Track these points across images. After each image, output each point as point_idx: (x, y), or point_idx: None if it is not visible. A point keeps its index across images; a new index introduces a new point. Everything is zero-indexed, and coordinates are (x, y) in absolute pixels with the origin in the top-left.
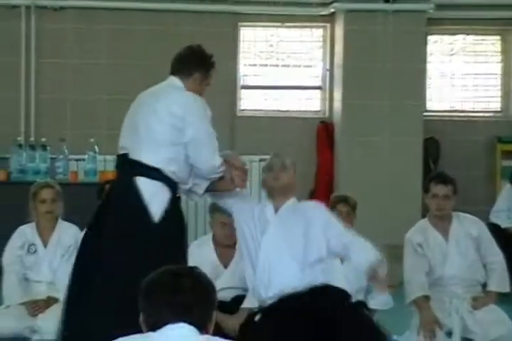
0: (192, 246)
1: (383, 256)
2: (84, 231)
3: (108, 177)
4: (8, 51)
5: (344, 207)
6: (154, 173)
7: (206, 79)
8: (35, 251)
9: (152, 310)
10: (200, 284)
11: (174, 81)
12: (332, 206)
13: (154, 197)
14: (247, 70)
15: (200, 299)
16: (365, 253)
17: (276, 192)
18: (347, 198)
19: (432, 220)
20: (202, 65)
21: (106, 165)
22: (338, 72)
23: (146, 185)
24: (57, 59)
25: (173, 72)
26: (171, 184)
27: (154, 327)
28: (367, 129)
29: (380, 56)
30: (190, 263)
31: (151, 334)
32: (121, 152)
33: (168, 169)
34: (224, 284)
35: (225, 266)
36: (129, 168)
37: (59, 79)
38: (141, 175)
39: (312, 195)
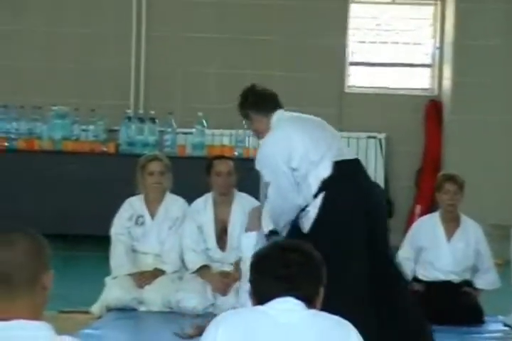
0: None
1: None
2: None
3: (216, 152)
4: (119, 21)
5: (452, 186)
6: None
7: None
8: (143, 223)
9: (260, 284)
10: (309, 259)
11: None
12: (439, 185)
13: None
14: (356, 47)
15: (308, 274)
16: None
17: None
18: (454, 176)
19: None
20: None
21: (214, 140)
22: (448, 50)
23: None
24: (168, 30)
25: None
26: None
27: (262, 300)
28: (477, 108)
29: (491, 33)
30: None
31: (258, 307)
32: (348, 157)
33: None
34: None
35: None
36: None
37: (169, 51)
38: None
39: (419, 174)
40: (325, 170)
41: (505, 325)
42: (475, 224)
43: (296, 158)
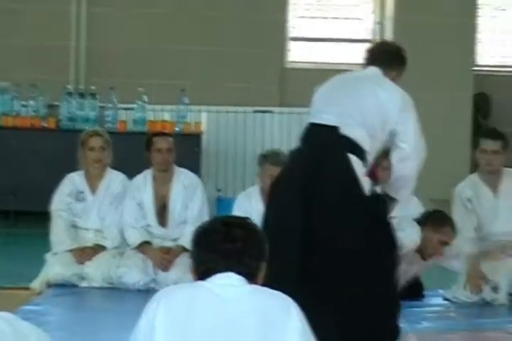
0: (240, 196)
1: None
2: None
3: (157, 128)
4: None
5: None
6: (362, 154)
7: (399, 78)
8: (83, 199)
9: (203, 259)
10: (251, 234)
11: (379, 72)
12: None
13: (362, 177)
14: (297, 22)
15: (250, 249)
16: None
17: None
18: None
19: (481, 175)
20: (403, 64)
21: (155, 115)
22: (388, 25)
23: (356, 165)
24: (109, 7)
25: (373, 63)
26: (367, 168)
27: (204, 275)
28: (419, 83)
29: (432, 9)
30: (238, 213)
31: (200, 282)
32: (323, 122)
33: (370, 154)
34: None
35: None
36: (342, 143)
37: (110, 28)
38: (353, 153)
39: None
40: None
41: (445, 298)
42: (416, 199)
43: None
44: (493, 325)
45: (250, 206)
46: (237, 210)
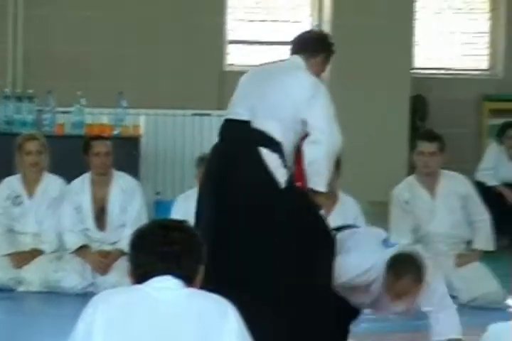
0: (178, 199)
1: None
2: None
3: (95, 131)
4: None
5: None
6: (275, 146)
7: (326, 64)
8: (20, 203)
9: (140, 262)
10: (189, 237)
11: (298, 60)
12: None
13: (277, 169)
14: (235, 25)
15: (188, 252)
16: None
17: None
18: None
19: (419, 177)
20: (326, 49)
21: (93, 118)
22: (326, 28)
23: (268, 156)
24: (47, 9)
25: (296, 52)
26: (283, 159)
27: (141, 279)
28: (358, 84)
29: (369, 12)
30: (177, 216)
31: (137, 286)
32: (236, 117)
33: (285, 146)
34: None
35: None
36: (252, 136)
37: (48, 30)
38: (265, 146)
39: None
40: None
41: None
42: (353, 201)
43: None
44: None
45: (189, 209)
46: (176, 213)
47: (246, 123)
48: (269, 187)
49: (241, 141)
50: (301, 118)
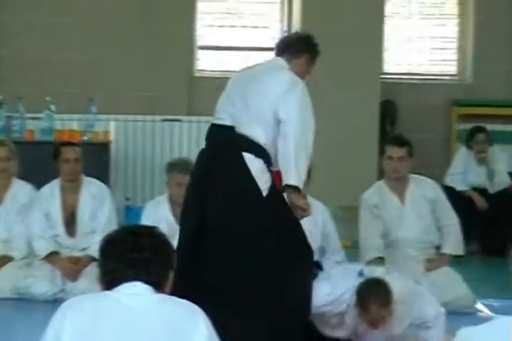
0: (148, 205)
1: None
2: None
3: (65, 137)
4: None
5: None
6: (260, 151)
7: (310, 65)
8: None
9: (110, 268)
10: (159, 243)
11: (281, 61)
12: None
13: (261, 175)
14: (205, 31)
15: (158, 258)
16: None
17: None
18: None
19: (388, 182)
20: (310, 50)
21: (63, 124)
22: None
23: (252, 162)
24: (17, 15)
25: (279, 54)
26: (269, 163)
27: (111, 285)
28: (325, 90)
29: (338, 17)
30: (147, 222)
31: (107, 292)
32: (220, 122)
33: (270, 149)
34: None
35: None
36: (236, 142)
37: (18, 36)
38: (248, 151)
39: None
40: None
41: None
42: (322, 206)
43: None
44: None
45: (159, 215)
46: (146, 219)
47: (230, 129)
48: (252, 194)
49: (225, 146)
50: (277, 115)
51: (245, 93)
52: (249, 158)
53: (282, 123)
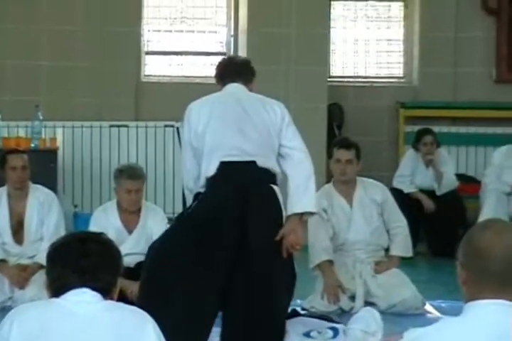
0: (96, 211)
1: None
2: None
3: (11, 144)
4: None
5: None
6: (277, 181)
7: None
8: None
9: (57, 275)
10: (106, 249)
11: (245, 89)
12: None
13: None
14: (152, 36)
15: (105, 264)
16: None
17: None
18: None
19: (336, 185)
20: (255, 75)
21: (9, 131)
22: (242, 38)
23: (279, 193)
24: None
25: (234, 80)
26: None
27: (58, 292)
28: (270, 95)
29: (284, 21)
30: (95, 228)
31: (54, 299)
32: (238, 159)
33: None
34: (128, 250)
35: (130, 232)
36: (265, 175)
37: None
38: (274, 183)
39: None
40: (210, 170)
41: (303, 308)
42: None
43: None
44: None
45: (107, 221)
46: (94, 225)
47: (252, 163)
48: (281, 224)
49: (254, 181)
50: (278, 144)
51: (245, 127)
52: (277, 190)
53: (292, 152)
